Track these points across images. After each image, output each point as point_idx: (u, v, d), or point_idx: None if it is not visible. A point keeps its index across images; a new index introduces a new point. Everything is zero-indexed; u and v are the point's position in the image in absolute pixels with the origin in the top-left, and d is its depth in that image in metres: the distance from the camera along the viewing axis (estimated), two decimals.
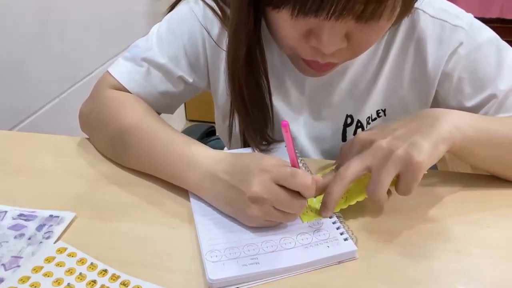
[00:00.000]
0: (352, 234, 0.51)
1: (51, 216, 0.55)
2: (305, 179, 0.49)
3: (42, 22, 1.07)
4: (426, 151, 0.50)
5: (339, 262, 0.49)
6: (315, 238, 0.51)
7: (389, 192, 0.52)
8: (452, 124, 0.53)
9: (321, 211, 0.54)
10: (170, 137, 0.61)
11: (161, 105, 0.72)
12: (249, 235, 0.51)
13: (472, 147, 0.55)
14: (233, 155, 0.55)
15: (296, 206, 0.50)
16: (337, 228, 0.52)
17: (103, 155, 0.68)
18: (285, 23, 0.53)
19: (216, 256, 0.48)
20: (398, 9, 0.51)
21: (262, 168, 0.50)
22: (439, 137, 0.51)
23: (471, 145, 0.55)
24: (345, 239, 0.50)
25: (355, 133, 0.72)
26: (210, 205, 0.55)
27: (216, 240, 0.50)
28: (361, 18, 0.49)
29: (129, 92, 0.69)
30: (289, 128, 0.46)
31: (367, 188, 0.51)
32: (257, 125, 0.67)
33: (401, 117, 0.57)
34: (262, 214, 0.50)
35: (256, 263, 0.47)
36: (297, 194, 0.50)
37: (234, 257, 0.48)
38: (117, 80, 0.69)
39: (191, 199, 0.57)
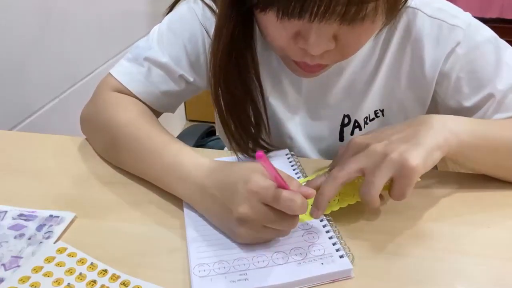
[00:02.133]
0: (349, 251, 0.49)
1: (51, 216, 0.55)
2: (288, 201, 0.46)
3: (42, 22, 1.07)
4: (421, 157, 0.50)
5: (333, 281, 0.47)
6: (309, 253, 0.49)
7: (381, 197, 0.51)
8: (448, 130, 0.54)
9: (312, 212, 0.53)
10: (161, 146, 0.60)
11: (163, 104, 0.72)
12: (240, 248, 0.49)
13: (468, 152, 0.56)
14: (223, 167, 0.54)
15: (287, 224, 0.49)
16: (333, 244, 0.50)
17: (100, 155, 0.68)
18: (273, 25, 0.53)
19: (204, 270, 0.47)
20: (381, 11, 0.51)
21: (249, 188, 0.48)
22: (434, 143, 0.52)
23: (467, 150, 0.55)
24: (341, 256, 0.48)
25: (352, 133, 0.72)
26: (202, 216, 0.54)
27: (206, 253, 0.49)
28: (344, 20, 0.49)
29: (130, 92, 0.69)
30: (265, 157, 0.42)
31: (360, 189, 0.51)
32: (248, 133, 0.66)
33: (397, 123, 0.57)
34: (252, 233, 0.49)
35: (245, 279, 0.46)
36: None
37: (223, 272, 0.46)
38: (118, 81, 0.69)
39: (184, 208, 0.56)
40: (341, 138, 0.73)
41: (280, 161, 0.65)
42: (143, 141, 0.61)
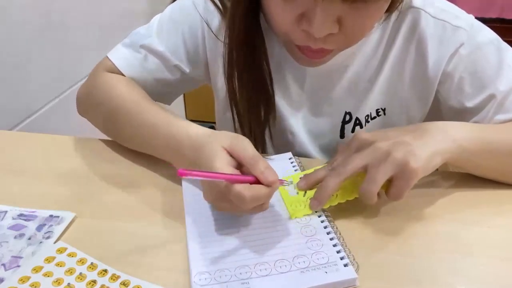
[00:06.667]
0: (354, 259, 0.48)
1: (51, 216, 0.55)
2: (235, 197, 0.47)
3: (42, 22, 1.07)
4: (423, 160, 0.51)
5: None
6: (312, 262, 0.48)
7: (378, 195, 0.52)
8: (450, 138, 0.55)
9: (312, 204, 0.54)
10: (156, 121, 0.61)
11: (157, 92, 0.72)
12: (243, 256, 0.49)
13: (469, 158, 0.57)
14: (202, 145, 0.53)
15: (251, 211, 0.50)
16: (338, 252, 0.49)
17: (100, 155, 0.68)
18: (277, 6, 0.54)
19: (206, 279, 0.46)
20: None
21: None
22: (435, 149, 0.53)
23: (468, 156, 0.56)
24: (345, 265, 0.47)
25: (353, 130, 0.72)
26: (204, 218, 0.54)
27: (207, 261, 0.48)
28: None
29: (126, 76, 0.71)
30: (189, 171, 0.43)
31: (361, 185, 0.52)
32: (256, 122, 0.67)
33: (401, 127, 0.58)
34: (230, 212, 0.52)
35: None
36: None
37: (225, 280, 0.46)
38: (114, 65, 0.71)
39: (186, 210, 0.56)
40: (342, 135, 0.73)
41: (283, 165, 0.64)
42: (140, 117, 0.62)
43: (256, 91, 0.66)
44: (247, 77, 0.65)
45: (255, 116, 0.68)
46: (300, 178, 0.58)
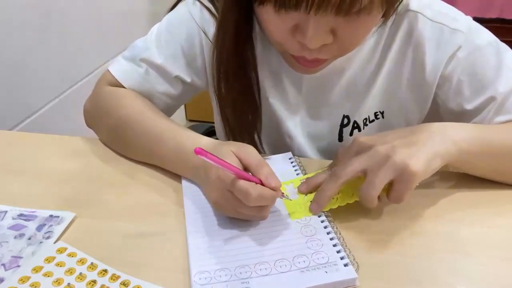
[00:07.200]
0: (354, 259, 0.48)
1: (51, 216, 0.55)
2: (241, 193, 0.48)
3: (42, 22, 1.07)
4: (422, 164, 0.50)
5: None
6: (313, 261, 0.48)
7: (379, 198, 0.52)
8: (448, 139, 0.55)
9: (312, 207, 0.54)
10: (162, 130, 0.62)
11: (160, 105, 0.73)
12: (243, 256, 0.49)
13: (468, 159, 0.57)
14: (213, 149, 0.54)
15: (254, 214, 0.51)
16: (338, 252, 0.49)
17: (101, 155, 0.68)
18: (271, 18, 0.54)
19: (205, 278, 0.46)
20: (378, 4, 0.51)
21: (216, 175, 0.51)
22: (435, 152, 0.53)
23: (467, 157, 0.56)
24: (345, 265, 0.47)
25: (351, 133, 0.72)
26: (204, 218, 0.54)
27: (207, 261, 0.48)
28: (340, 11, 0.49)
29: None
30: (205, 152, 0.45)
31: (360, 189, 0.51)
32: (245, 127, 0.68)
33: (400, 129, 0.58)
34: (231, 214, 0.52)
35: None
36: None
37: (224, 280, 0.46)
38: (116, 79, 0.71)
39: (186, 212, 0.56)
40: (340, 138, 0.73)
41: (283, 164, 0.64)
42: (146, 128, 0.64)
43: (243, 99, 0.67)
44: (235, 85, 0.66)
45: (242, 123, 0.68)
46: (302, 182, 0.58)
